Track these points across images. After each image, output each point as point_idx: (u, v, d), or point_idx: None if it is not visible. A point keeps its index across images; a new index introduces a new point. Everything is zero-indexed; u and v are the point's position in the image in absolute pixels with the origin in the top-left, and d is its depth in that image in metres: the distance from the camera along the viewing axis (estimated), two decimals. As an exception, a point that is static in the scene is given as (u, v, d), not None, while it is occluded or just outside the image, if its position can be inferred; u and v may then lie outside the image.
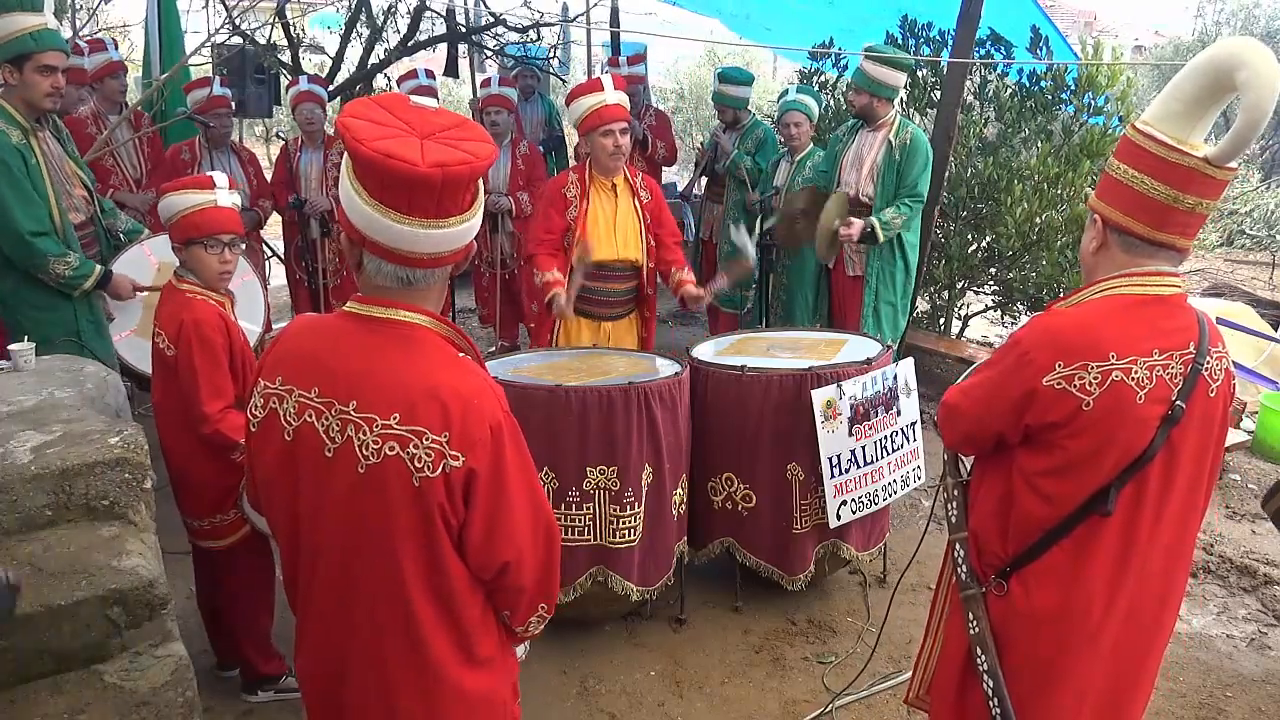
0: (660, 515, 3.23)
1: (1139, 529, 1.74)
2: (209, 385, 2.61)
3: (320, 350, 1.50)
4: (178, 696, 2.07)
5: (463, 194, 1.42)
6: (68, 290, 3.37)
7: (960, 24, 5.13)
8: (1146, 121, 1.69)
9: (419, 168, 1.34)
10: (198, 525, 2.83)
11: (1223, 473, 4.90)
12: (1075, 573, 1.76)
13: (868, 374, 3.36)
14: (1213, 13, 16.46)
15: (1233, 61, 1.58)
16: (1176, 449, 1.72)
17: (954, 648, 1.95)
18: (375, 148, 1.34)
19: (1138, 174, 1.67)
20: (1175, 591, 1.87)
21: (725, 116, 6.16)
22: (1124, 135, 1.73)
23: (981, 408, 1.83)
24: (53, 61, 3.24)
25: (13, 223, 3.20)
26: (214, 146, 5.43)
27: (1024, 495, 1.79)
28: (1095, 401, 1.67)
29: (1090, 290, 1.77)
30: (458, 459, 1.41)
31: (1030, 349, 1.73)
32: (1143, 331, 1.69)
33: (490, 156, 1.42)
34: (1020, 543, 1.81)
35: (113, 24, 8.04)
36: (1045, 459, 1.75)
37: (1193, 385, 1.70)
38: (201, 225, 2.64)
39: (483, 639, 1.56)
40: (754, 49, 14.23)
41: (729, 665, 3.28)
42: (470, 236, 1.48)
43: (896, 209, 4.54)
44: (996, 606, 1.86)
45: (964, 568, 1.91)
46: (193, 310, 2.63)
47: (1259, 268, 11.06)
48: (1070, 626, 1.78)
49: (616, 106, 3.71)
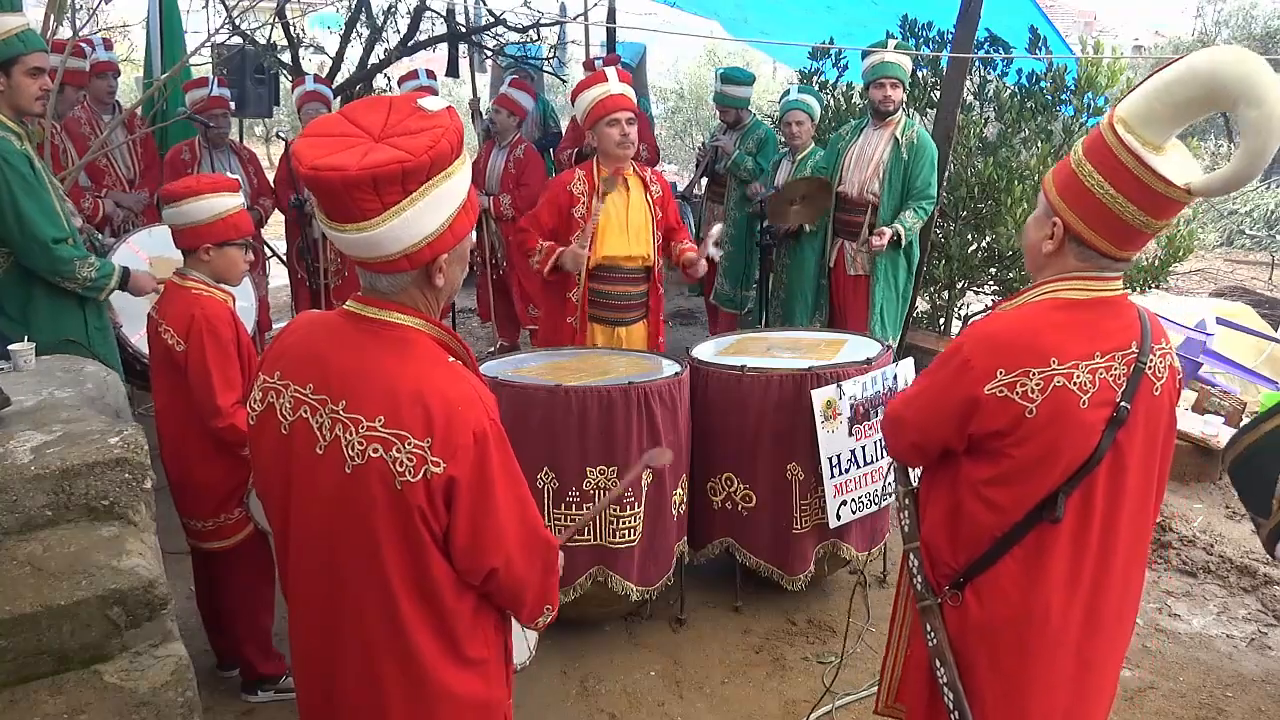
0: (660, 515, 3.23)
1: (1090, 533, 1.71)
2: (222, 379, 2.62)
3: (317, 347, 1.51)
4: (178, 696, 2.07)
5: (347, 200, 1.34)
6: (94, 293, 3.28)
7: (960, 24, 5.13)
8: (1124, 120, 1.57)
9: (299, 168, 1.35)
10: (200, 526, 2.82)
11: (1222, 473, 4.89)
12: (1029, 581, 1.72)
13: (868, 374, 3.36)
14: (1212, 13, 16.46)
15: (1245, 94, 1.44)
16: (1123, 450, 1.69)
17: (919, 658, 1.91)
18: (295, 143, 1.39)
19: (1115, 193, 1.58)
20: (1133, 592, 1.83)
21: (727, 116, 6.18)
22: (1100, 134, 1.60)
23: (925, 417, 1.79)
24: (40, 63, 3.15)
25: (37, 231, 3.10)
26: (213, 146, 5.43)
27: (971, 504, 1.76)
28: (1038, 408, 1.64)
29: (1033, 292, 1.73)
30: (439, 465, 1.41)
31: (971, 356, 1.70)
32: (1083, 334, 1.66)
33: (366, 166, 1.31)
34: (970, 552, 1.78)
35: (113, 24, 8.03)
36: (990, 468, 1.72)
37: (1136, 385, 1.67)
38: (240, 227, 2.74)
39: (472, 640, 1.56)
40: (754, 49, 14.22)
41: (729, 665, 3.28)
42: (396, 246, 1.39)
43: (915, 213, 4.55)
44: (953, 618, 1.82)
45: (919, 578, 1.87)
46: (203, 306, 2.65)
47: (1259, 268, 11.07)
48: (1029, 636, 1.74)
49: (621, 96, 3.71)
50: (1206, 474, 4.88)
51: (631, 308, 3.97)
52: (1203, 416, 5.03)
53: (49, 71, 3.26)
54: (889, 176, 4.61)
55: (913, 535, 1.91)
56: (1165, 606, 3.79)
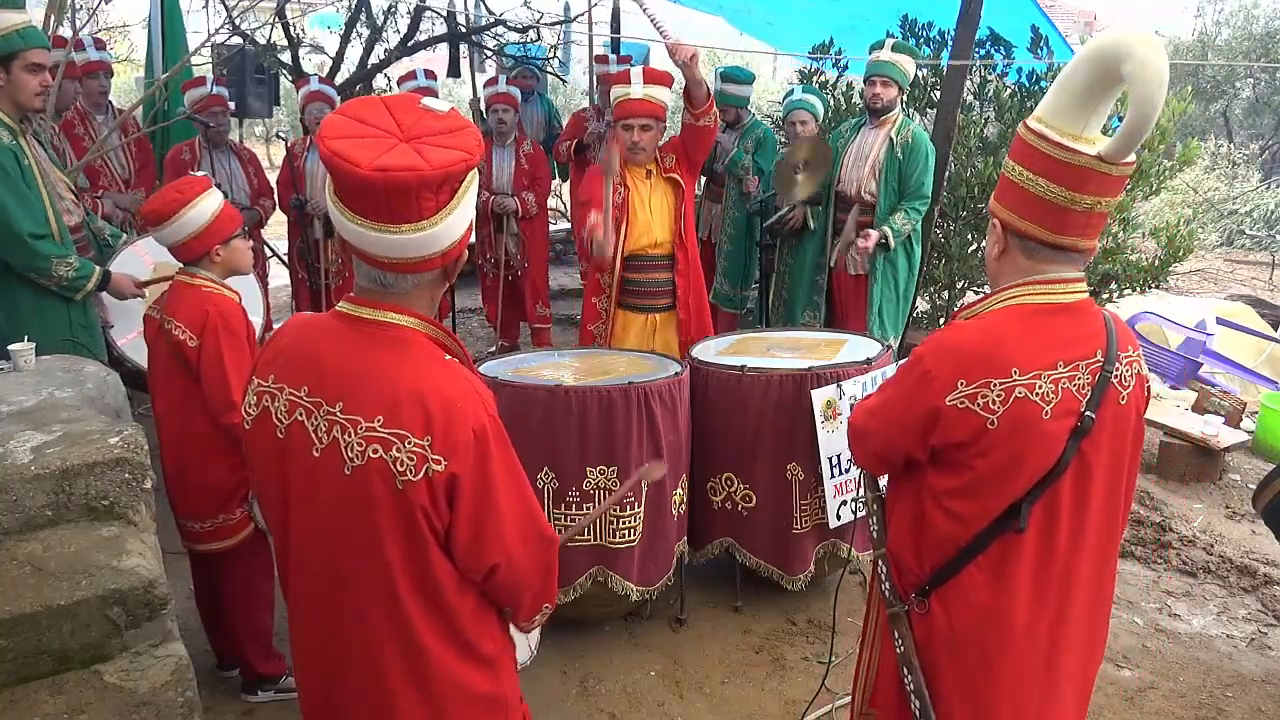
0: (660, 515, 3.23)
1: (1056, 542, 1.69)
2: (237, 374, 2.62)
3: (311, 350, 1.50)
4: (178, 696, 2.07)
5: (413, 201, 1.36)
6: (70, 293, 3.29)
7: (960, 24, 5.13)
8: (1039, 118, 1.61)
9: (359, 170, 1.33)
10: (199, 528, 2.82)
11: (1222, 473, 4.90)
12: (994, 590, 1.71)
13: (868, 374, 3.36)
14: (1212, 13, 16.44)
15: (1119, 51, 1.50)
16: (1089, 459, 1.66)
17: (890, 665, 1.90)
18: (329, 145, 1.35)
19: (1032, 175, 1.61)
20: (1105, 598, 1.81)
21: (727, 115, 6.16)
22: (1017, 134, 1.65)
23: (888, 427, 1.77)
24: (40, 59, 3.17)
25: (13, 225, 3.12)
26: (213, 146, 5.43)
27: (934, 514, 1.74)
28: (1000, 419, 1.61)
29: (993, 300, 1.72)
30: (440, 463, 1.41)
31: (931, 367, 1.68)
32: (1045, 343, 1.64)
33: (440, 165, 1.35)
34: (935, 561, 1.76)
35: (113, 24, 8.04)
36: (954, 479, 1.70)
37: (1102, 394, 1.64)
38: (234, 216, 2.76)
39: (482, 637, 1.56)
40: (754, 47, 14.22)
41: (729, 665, 3.28)
42: (441, 245, 1.42)
43: (905, 214, 4.55)
44: (921, 626, 1.80)
45: (886, 585, 1.86)
46: (216, 303, 2.65)
47: (1259, 268, 11.07)
48: (995, 644, 1.73)
49: (639, 101, 3.73)
50: (1206, 474, 4.88)
51: (660, 294, 4.03)
52: (1203, 416, 5.03)
53: (49, 68, 3.27)
54: (884, 176, 4.62)
55: (881, 542, 1.90)
56: (1165, 606, 3.79)
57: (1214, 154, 13.04)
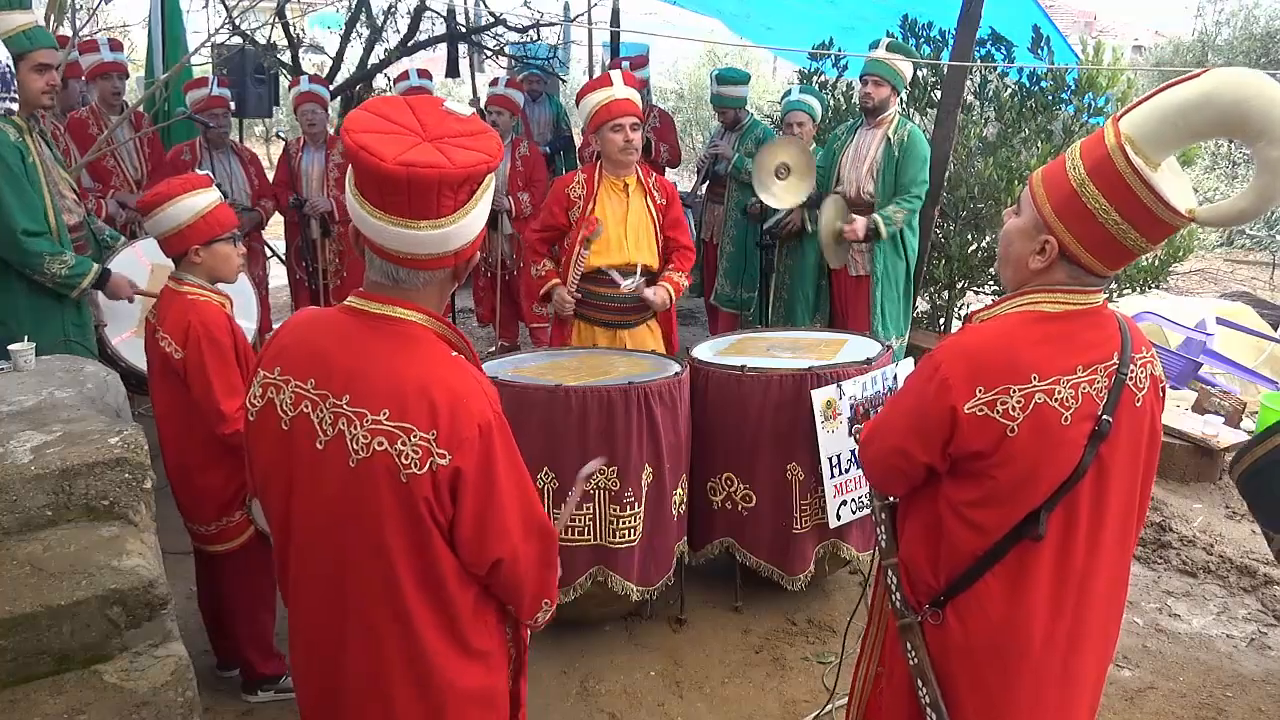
0: (660, 515, 3.23)
1: (1074, 548, 1.66)
2: (223, 384, 2.61)
3: (318, 343, 1.51)
4: (178, 696, 2.07)
5: (434, 198, 1.39)
6: (64, 290, 3.31)
7: (960, 25, 5.13)
8: (1133, 142, 1.49)
9: (384, 164, 1.34)
10: (202, 530, 2.83)
11: (1222, 473, 4.90)
12: (1011, 599, 1.67)
13: (868, 374, 3.36)
14: (1213, 13, 16.43)
15: (1265, 128, 1.38)
16: (1106, 463, 1.64)
17: (900, 678, 1.86)
18: (355, 139, 1.37)
19: (1120, 220, 1.52)
20: (1118, 604, 1.79)
21: (725, 118, 6.19)
22: (1106, 154, 1.51)
23: (908, 439, 1.71)
24: (47, 60, 3.23)
25: (9, 220, 3.15)
26: (213, 146, 5.43)
27: (952, 524, 1.70)
28: (1020, 427, 1.58)
29: (1010, 303, 1.68)
30: (444, 457, 1.42)
31: (949, 375, 1.63)
32: (1065, 348, 1.61)
33: (463, 165, 1.38)
34: (951, 571, 1.72)
35: (113, 24, 8.04)
36: (973, 489, 1.66)
37: (1118, 397, 1.62)
38: (224, 221, 2.71)
39: (478, 631, 1.57)
40: (753, 49, 14.22)
41: (729, 665, 3.28)
42: (456, 244, 1.45)
43: (898, 204, 4.55)
44: (935, 637, 1.77)
45: (897, 595, 1.82)
46: (199, 312, 2.63)
47: (1259, 268, 11.07)
48: (1012, 654, 1.70)
49: (626, 101, 3.66)
50: (1206, 474, 4.88)
51: (629, 310, 3.90)
52: (1203, 416, 5.03)
53: (55, 68, 3.31)
54: (882, 176, 4.62)
55: (890, 551, 1.86)
56: (1165, 606, 3.79)
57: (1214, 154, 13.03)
